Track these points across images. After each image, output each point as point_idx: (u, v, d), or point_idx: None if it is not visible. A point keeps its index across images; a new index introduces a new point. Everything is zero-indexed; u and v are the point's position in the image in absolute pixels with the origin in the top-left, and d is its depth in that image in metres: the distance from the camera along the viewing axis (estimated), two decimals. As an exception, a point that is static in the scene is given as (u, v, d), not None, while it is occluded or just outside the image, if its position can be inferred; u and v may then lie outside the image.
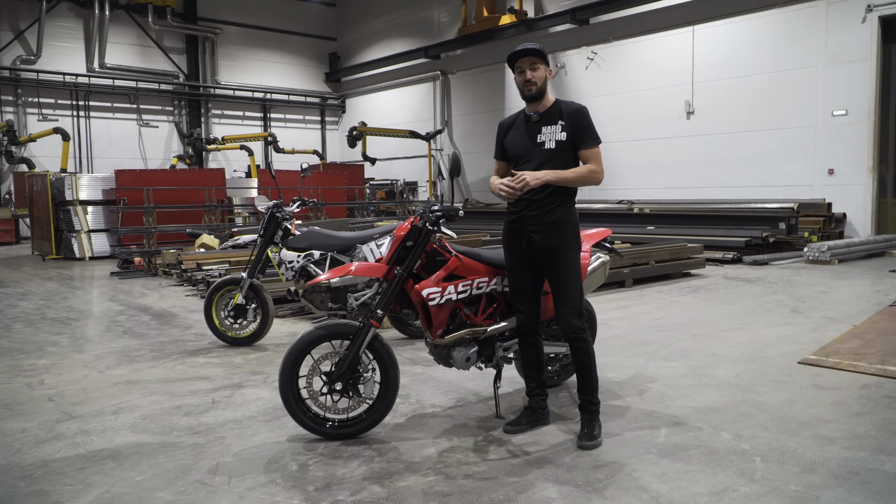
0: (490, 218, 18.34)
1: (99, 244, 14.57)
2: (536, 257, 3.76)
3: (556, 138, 3.70)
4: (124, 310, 8.19)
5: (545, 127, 3.74)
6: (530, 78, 3.71)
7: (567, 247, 3.71)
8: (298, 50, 27.96)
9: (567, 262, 3.71)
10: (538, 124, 3.76)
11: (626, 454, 3.53)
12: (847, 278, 9.75)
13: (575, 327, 3.72)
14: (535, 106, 3.79)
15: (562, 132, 3.70)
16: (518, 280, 3.86)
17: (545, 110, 3.78)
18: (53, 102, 22.31)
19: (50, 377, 5.22)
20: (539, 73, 3.72)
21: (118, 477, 3.35)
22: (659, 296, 8.62)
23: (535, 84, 3.71)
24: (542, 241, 3.71)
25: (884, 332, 6.14)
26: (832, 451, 3.53)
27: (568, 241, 3.72)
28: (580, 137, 3.70)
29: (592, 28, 18.64)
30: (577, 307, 3.74)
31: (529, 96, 3.76)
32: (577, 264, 3.76)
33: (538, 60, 3.73)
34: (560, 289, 3.73)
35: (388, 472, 3.35)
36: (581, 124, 3.70)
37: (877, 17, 13.51)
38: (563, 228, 3.71)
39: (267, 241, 6.10)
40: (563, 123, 3.71)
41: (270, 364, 5.52)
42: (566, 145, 3.70)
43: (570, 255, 3.72)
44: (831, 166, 14.30)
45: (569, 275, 3.72)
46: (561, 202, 3.71)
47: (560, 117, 3.73)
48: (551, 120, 3.74)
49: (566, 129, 3.70)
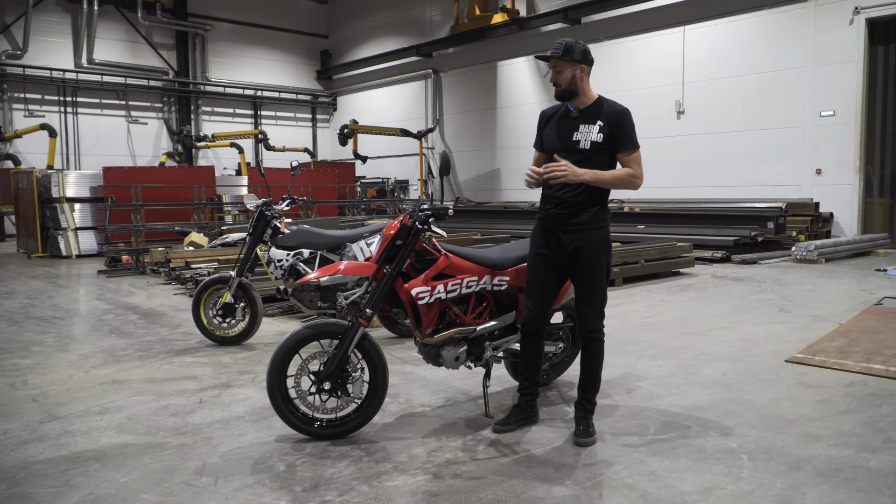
0: (481, 217, 18.35)
1: (86, 242, 14.47)
2: (564, 257, 3.72)
3: (591, 139, 3.64)
4: (111, 308, 8.13)
5: (583, 125, 3.68)
6: (554, 80, 3.70)
7: (596, 248, 3.68)
8: (290, 47, 27.85)
9: (595, 264, 3.69)
10: (576, 121, 3.70)
11: (615, 453, 3.53)
12: (834, 277, 9.82)
13: (593, 327, 3.73)
14: (576, 101, 3.72)
15: (598, 133, 3.63)
16: (536, 277, 3.82)
17: (585, 107, 3.71)
18: (40, 98, 22.12)
19: (34, 377, 5.18)
20: (563, 75, 3.67)
21: (103, 478, 3.33)
22: (648, 294, 8.65)
23: (560, 86, 3.69)
24: (571, 242, 3.67)
25: (869, 330, 6.18)
26: (818, 448, 3.55)
27: (597, 243, 3.69)
28: (619, 140, 3.64)
29: (584, 27, 18.67)
30: (599, 309, 3.74)
31: (557, 96, 3.74)
32: (603, 266, 3.73)
33: (560, 63, 3.67)
34: (585, 290, 3.71)
35: (377, 473, 3.34)
36: (621, 126, 3.63)
37: (864, 19, 13.61)
38: (594, 230, 3.67)
39: (256, 240, 6.07)
40: (602, 124, 3.64)
41: (259, 363, 5.49)
42: (601, 147, 3.64)
43: (598, 257, 3.69)
44: (819, 166, 14.40)
45: (595, 276, 3.70)
46: (593, 203, 3.66)
47: (599, 117, 3.66)
48: (590, 118, 3.68)
49: (604, 130, 3.63)
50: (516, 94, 20.96)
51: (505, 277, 4.05)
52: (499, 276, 4.04)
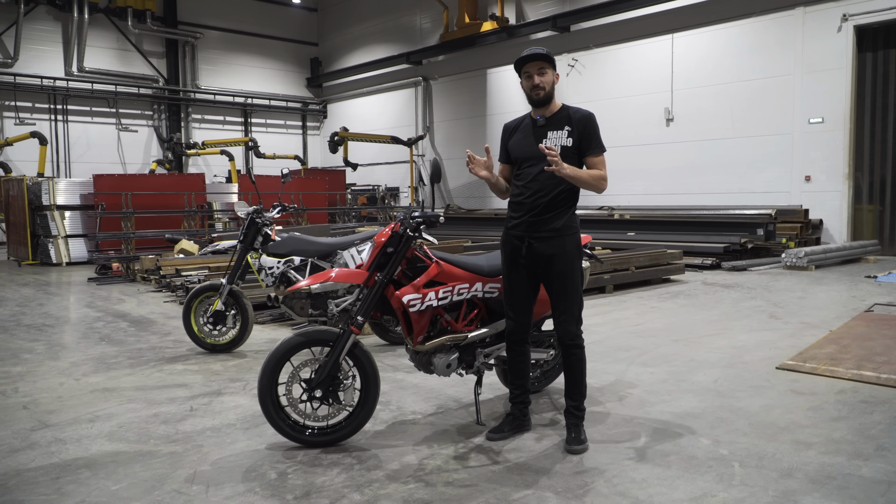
0: (472, 224, 18.36)
1: (76, 249, 14.40)
2: (537, 264, 3.74)
3: (561, 143, 3.69)
4: (101, 316, 8.08)
5: (551, 132, 3.72)
6: (538, 83, 3.70)
7: (569, 255, 3.70)
8: (280, 55, 27.85)
9: (568, 270, 3.70)
10: (544, 128, 3.74)
11: (607, 460, 3.54)
12: (824, 284, 9.87)
13: (572, 334, 3.74)
14: (542, 110, 3.77)
15: (568, 138, 3.69)
16: (513, 287, 3.84)
17: (552, 115, 3.76)
18: (31, 106, 22.02)
19: (25, 385, 5.14)
20: (547, 77, 3.71)
21: (93, 486, 3.30)
22: (639, 301, 8.67)
23: (543, 89, 3.70)
24: (543, 249, 3.69)
25: (860, 337, 6.22)
26: (809, 455, 3.56)
27: (570, 249, 3.71)
28: (587, 144, 3.70)
29: (573, 35, 18.77)
30: (577, 314, 3.75)
31: (537, 101, 3.74)
32: (577, 272, 3.75)
33: (546, 65, 3.71)
34: (560, 296, 3.73)
35: (368, 480, 3.33)
36: (588, 131, 3.70)
37: (852, 26, 13.74)
38: (565, 236, 3.70)
39: (247, 247, 6.06)
40: (570, 129, 3.70)
41: (250, 371, 5.47)
42: (571, 151, 3.69)
43: (571, 263, 3.71)
44: (808, 173, 14.50)
45: (569, 283, 3.71)
46: (565, 209, 3.71)
47: (567, 123, 3.72)
48: (558, 125, 3.73)
49: (573, 135, 3.69)
50: (506, 101, 21.02)
51: (496, 284, 4.05)
52: (490, 283, 4.04)
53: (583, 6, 18.25)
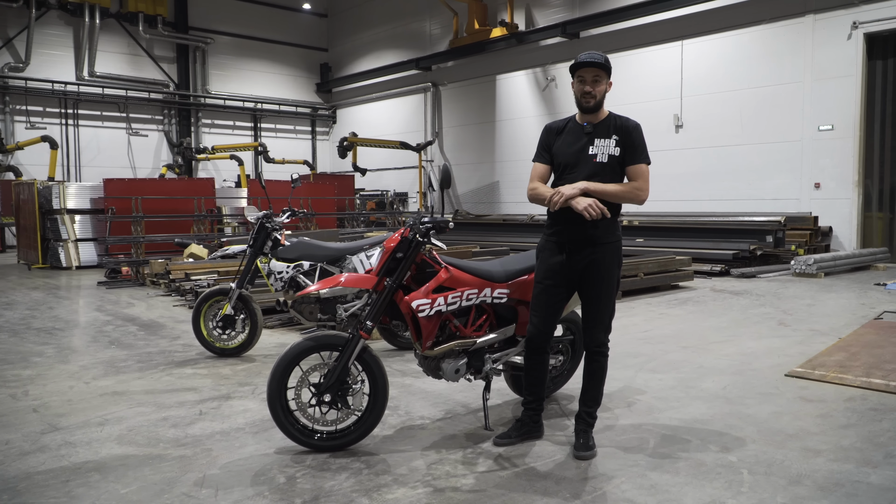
0: (480, 229, 18.36)
1: (86, 253, 14.48)
2: (574, 271, 3.71)
3: (609, 152, 3.64)
4: (111, 320, 8.13)
5: (598, 139, 3.67)
6: (590, 91, 3.64)
7: (608, 262, 3.68)
8: (290, 60, 27.98)
9: (607, 278, 3.69)
10: (591, 136, 3.69)
11: (615, 466, 3.53)
12: (833, 291, 9.83)
13: (599, 341, 3.74)
14: (590, 117, 3.73)
15: (615, 147, 3.65)
16: (545, 293, 3.79)
17: (599, 122, 3.72)
18: (42, 110, 22.20)
19: (35, 388, 5.17)
20: (600, 87, 3.66)
21: (103, 490, 3.32)
22: (648, 308, 8.65)
23: (595, 97, 3.65)
24: (584, 256, 3.67)
25: (869, 345, 6.19)
26: (818, 463, 3.55)
27: (611, 257, 3.69)
28: (631, 154, 3.65)
29: (583, 42, 18.78)
30: (607, 323, 3.75)
31: (586, 108, 3.69)
32: (614, 280, 3.73)
33: (602, 74, 3.66)
34: (594, 303, 3.72)
35: (377, 485, 3.34)
36: (635, 141, 3.66)
37: (862, 33, 13.70)
38: (606, 244, 3.66)
39: (256, 252, 6.09)
40: (617, 138, 3.66)
41: (258, 375, 5.49)
42: (618, 161, 3.65)
43: (609, 271, 3.69)
44: (818, 180, 14.44)
45: (604, 290, 3.70)
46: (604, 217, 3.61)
47: (615, 131, 3.67)
48: (605, 133, 3.68)
49: (620, 144, 3.65)
50: (515, 107, 21.05)
51: (505, 290, 4.06)
52: (499, 288, 4.04)
53: (592, 13, 18.28)
